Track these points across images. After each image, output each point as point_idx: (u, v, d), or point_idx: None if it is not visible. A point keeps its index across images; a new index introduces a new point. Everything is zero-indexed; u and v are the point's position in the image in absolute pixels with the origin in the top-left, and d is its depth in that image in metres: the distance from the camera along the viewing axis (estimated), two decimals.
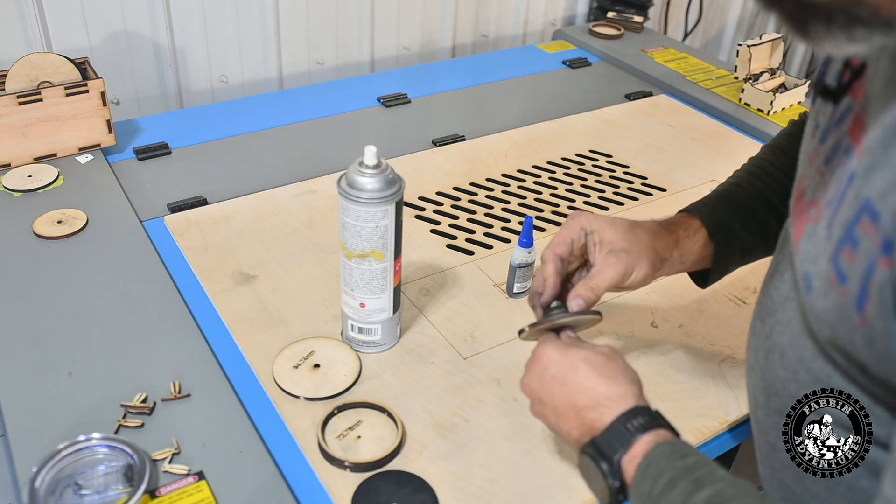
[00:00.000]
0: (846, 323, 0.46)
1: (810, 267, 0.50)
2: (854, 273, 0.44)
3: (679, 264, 0.72)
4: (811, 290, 0.49)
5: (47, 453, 0.63)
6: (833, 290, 0.46)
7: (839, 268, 0.46)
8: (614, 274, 0.67)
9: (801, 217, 0.54)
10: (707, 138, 1.25)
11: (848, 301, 0.45)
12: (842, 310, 0.46)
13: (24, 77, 1.01)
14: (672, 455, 0.52)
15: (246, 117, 1.21)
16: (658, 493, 0.51)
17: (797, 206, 0.56)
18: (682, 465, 0.51)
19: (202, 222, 0.96)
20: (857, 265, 0.44)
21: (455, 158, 1.14)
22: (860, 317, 0.44)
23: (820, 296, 0.48)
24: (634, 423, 0.55)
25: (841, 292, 0.46)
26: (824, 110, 0.55)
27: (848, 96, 0.51)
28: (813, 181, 0.54)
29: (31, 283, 0.83)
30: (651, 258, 0.68)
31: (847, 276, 0.45)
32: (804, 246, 0.52)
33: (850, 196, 0.46)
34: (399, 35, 1.55)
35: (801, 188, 0.56)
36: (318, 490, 0.65)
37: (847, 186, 0.46)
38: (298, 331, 0.80)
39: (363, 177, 0.68)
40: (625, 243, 0.68)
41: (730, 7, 2.13)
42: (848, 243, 0.45)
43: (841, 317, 0.46)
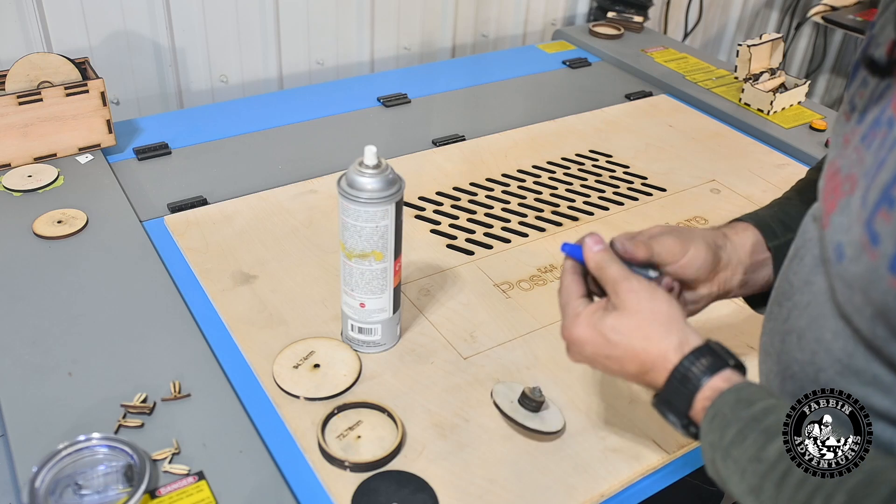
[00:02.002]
0: (879, 285, 0.45)
1: (843, 237, 0.49)
2: (888, 233, 0.44)
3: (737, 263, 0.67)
4: (843, 258, 0.48)
5: (47, 453, 0.63)
6: (865, 253, 0.46)
7: (872, 230, 0.45)
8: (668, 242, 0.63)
9: (834, 193, 0.53)
10: (707, 138, 1.25)
11: (880, 263, 0.44)
12: (874, 272, 0.45)
13: (24, 77, 1.01)
14: (738, 404, 0.51)
15: (246, 117, 1.21)
16: (728, 445, 0.50)
17: (829, 184, 0.55)
18: (748, 415, 0.50)
19: (202, 222, 0.96)
20: (892, 225, 0.43)
21: (455, 158, 1.14)
22: (892, 277, 0.43)
23: (851, 263, 0.47)
24: (689, 375, 0.54)
25: (873, 254, 0.45)
26: (862, 92, 0.54)
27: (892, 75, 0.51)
28: (849, 160, 0.53)
29: (31, 283, 0.83)
30: (703, 242, 0.65)
31: (880, 237, 0.44)
32: (837, 219, 0.51)
33: (890, 161, 0.45)
34: (399, 35, 1.55)
35: (835, 168, 0.55)
36: (318, 490, 0.65)
37: (889, 153, 0.46)
38: (298, 331, 0.80)
39: (363, 177, 0.68)
40: (673, 229, 0.65)
41: (730, 7, 2.13)
42: (884, 204, 0.44)
43: (873, 279, 0.45)
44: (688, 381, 0.54)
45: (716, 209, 1.05)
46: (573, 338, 0.60)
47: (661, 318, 0.56)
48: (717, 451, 0.51)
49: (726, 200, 1.08)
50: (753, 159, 1.19)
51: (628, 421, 0.72)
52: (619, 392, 0.75)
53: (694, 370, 0.54)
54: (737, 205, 1.06)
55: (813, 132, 1.26)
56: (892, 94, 0.49)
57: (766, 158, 1.20)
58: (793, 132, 1.26)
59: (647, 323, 0.56)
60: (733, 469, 0.50)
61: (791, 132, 1.26)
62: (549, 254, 0.95)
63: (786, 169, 1.17)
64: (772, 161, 1.19)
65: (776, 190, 1.10)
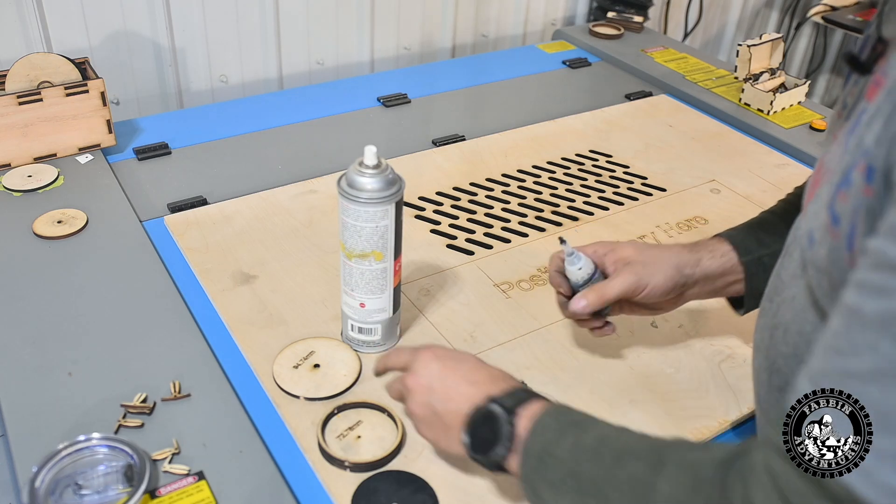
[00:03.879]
0: (839, 265, 0.46)
1: (813, 223, 0.50)
2: (845, 212, 0.45)
3: (706, 284, 0.72)
4: (813, 243, 0.50)
5: (47, 453, 0.63)
6: (828, 235, 0.47)
7: (834, 212, 0.46)
8: (623, 282, 0.69)
9: (815, 184, 0.54)
10: (707, 138, 1.25)
11: (839, 243, 0.46)
12: (835, 252, 0.46)
13: (24, 77, 1.01)
14: (560, 427, 0.55)
15: (246, 117, 1.21)
16: None
17: (814, 178, 0.56)
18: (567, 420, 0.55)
19: (202, 222, 0.96)
20: (848, 204, 0.45)
21: (455, 158, 1.14)
22: (849, 256, 0.44)
23: (819, 246, 0.49)
24: (494, 410, 0.57)
25: (834, 235, 0.46)
26: (853, 91, 0.55)
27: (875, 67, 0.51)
28: (832, 154, 0.54)
29: (31, 283, 0.83)
30: (667, 272, 0.69)
31: (839, 217, 0.46)
32: (811, 207, 0.52)
33: (851, 144, 0.46)
34: (399, 35, 1.55)
35: (821, 162, 0.56)
36: (318, 490, 0.65)
37: (849, 136, 0.47)
38: (298, 331, 0.80)
39: (363, 177, 0.68)
40: (641, 257, 0.70)
41: (730, 7, 2.13)
42: (844, 186, 0.46)
43: (835, 260, 0.46)
44: (494, 417, 0.57)
45: (716, 209, 1.05)
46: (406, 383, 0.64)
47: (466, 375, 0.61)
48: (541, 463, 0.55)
49: (726, 200, 1.08)
50: (753, 159, 1.19)
51: (628, 421, 0.72)
52: (619, 392, 0.75)
53: (497, 406, 0.57)
54: (736, 205, 1.07)
55: (813, 132, 1.26)
56: (871, 84, 0.50)
57: (765, 158, 1.20)
58: (793, 132, 1.26)
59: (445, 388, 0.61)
60: None
61: (791, 132, 1.26)
62: (549, 254, 0.94)
63: (786, 169, 1.17)
64: (772, 161, 1.19)
65: (776, 190, 1.10)
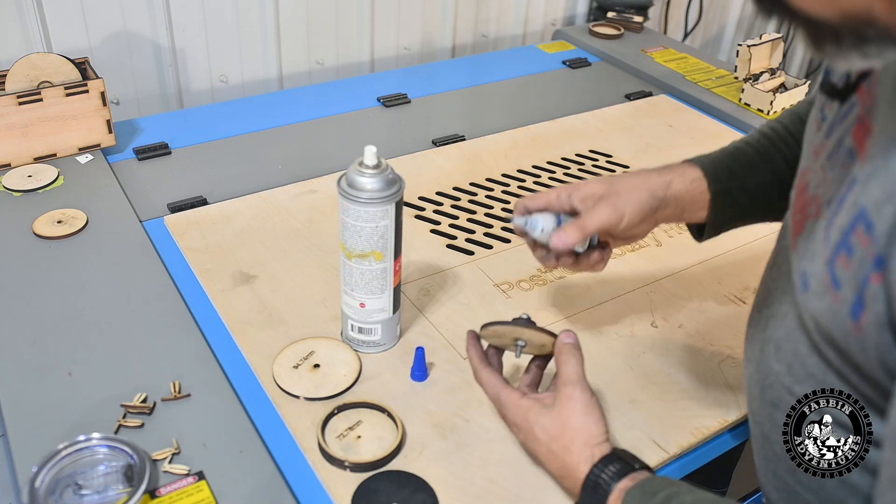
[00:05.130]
0: (840, 327, 0.46)
1: (808, 266, 0.50)
2: (848, 280, 0.45)
3: (675, 208, 0.71)
4: (808, 288, 0.49)
5: (47, 453, 0.63)
6: (828, 293, 0.47)
7: (834, 273, 0.46)
8: (601, 215, 0.67)
9: (801, 212, 0.54)
10: (707, 138, 1.25)
11: (842, 307, 0.45)
12: (836, 314, 0.46)
13: (24, 77, 1.01)
14: (643, 497, 0.54)
15: (246, 117, 1.21)
16: None
17: (799, 200, 0.56)
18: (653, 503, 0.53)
19: (202, 222, 0.96)
20: (851, 273, 0.44)
21: (455, 158, 1.14)
22: (855, 325, 0.44)
23: (816, 297, 0.48)
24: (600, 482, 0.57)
25: (835, 297, 0.46)
26: (831, 104, 0.54)
27: (854, 95, 0.51)
28: (816, 176, 0.54)
29: (31, 283, 0.83)
30: (642, 197, 0.68)
31: (841, 283, 0.45)
32: (802, 243, 0.52)
33: (849, 201, 0.46)
34: (399, 35, 1.55)
35: (805, 182, 0.56)
36: (318, 490, 0.65)
37: (848, 191, 0.46)
38: (298, 331, 0.80)
39: (363, 177, 0.68)
40: (613, 188, 0.69)
41: (730, 7, 2.13)
42: (843, 249, 0.45)
43: (835, 320, 0.46)
44: (599, 487, 0.58)
45: None
46: (508, 420, 0.65)
47: (584, 435, 0.60)
48: None
49: None
50: None
51: (628, 421, 0.72)
52: (619, 392, 0.75)
53: (604, 476, 0.58)
54: None
55: None
56: (856, 118, 0.50)
57: None
58: None
59: (570, 437, 0.60)
60: None
61: None
62: None
63: None
64: None
65: None
